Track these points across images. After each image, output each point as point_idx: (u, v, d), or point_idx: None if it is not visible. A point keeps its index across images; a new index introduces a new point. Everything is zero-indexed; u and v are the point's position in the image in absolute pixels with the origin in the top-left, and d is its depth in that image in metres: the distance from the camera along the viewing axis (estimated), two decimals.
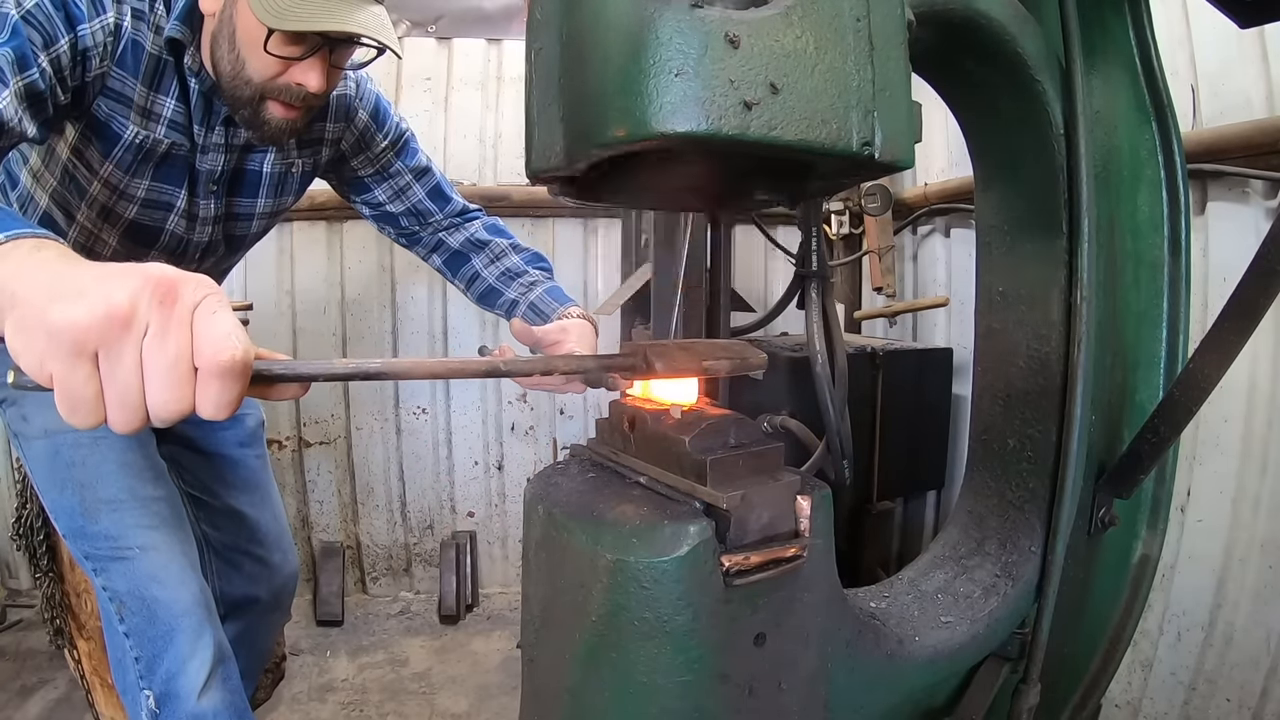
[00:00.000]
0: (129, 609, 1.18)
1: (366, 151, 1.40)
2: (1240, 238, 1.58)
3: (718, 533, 0.69)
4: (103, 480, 1.21)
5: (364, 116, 1.37)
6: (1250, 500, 1.60)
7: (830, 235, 2.75)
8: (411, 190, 1.44)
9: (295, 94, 1.09)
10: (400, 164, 1.43)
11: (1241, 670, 1.60)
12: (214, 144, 1.19)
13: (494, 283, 1.44)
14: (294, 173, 1.33)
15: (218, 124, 1.18)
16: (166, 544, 1.22)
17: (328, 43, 1.07)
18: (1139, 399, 1.05)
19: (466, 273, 1.46)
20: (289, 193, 1.36)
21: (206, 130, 1.18)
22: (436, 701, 2.15)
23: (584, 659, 0.72)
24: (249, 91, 1.09)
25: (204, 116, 1.17)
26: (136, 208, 1.19)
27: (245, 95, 1.09)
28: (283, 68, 1.07)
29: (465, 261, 1.46)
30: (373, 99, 1.38)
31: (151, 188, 1.18)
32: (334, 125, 1.34)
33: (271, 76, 1.07)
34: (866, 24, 0.63)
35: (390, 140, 1.41)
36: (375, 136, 1.39)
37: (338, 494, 2.81)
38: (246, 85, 1.08)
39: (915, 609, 1.01)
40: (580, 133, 0.62)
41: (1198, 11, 1.63)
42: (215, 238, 1.30)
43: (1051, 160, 0.97)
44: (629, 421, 0.82)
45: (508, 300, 1.41)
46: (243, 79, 1.08)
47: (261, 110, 1.11)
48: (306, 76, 1.08)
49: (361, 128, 1.37)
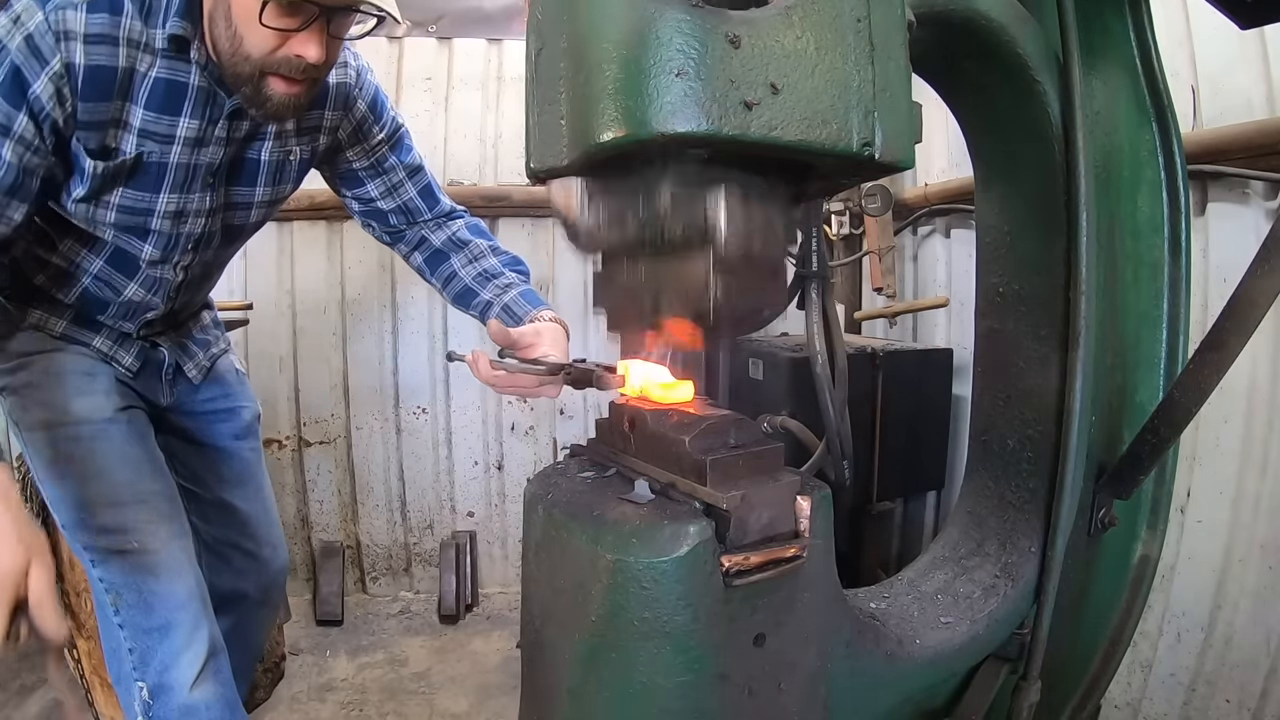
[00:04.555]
0: (125, 601, 1.19)
1: (363, 143, 1.39)
2: (1240, 238, 1.58)
3: (718, 533, 0.69)
4: (101, 473, 1.22)
5: (363, 106, 1.36)
6: (1250, 501, 1.60)
7: (830, 235, 2.75)
8: (404, 188, 1.44)
9: (295, 66, 1.07)
10: (394, 159, 1.42)
11: (1241, 671, 1.60)
12: (216, 138, 1.18)
13: (470, 283, 1.43)
14: (292, 160, 1.32)
15: (221, 118, 1.17)
16: (165, 538, 1.22)
17: (325, 12, 1.05)
18: (1139, 399, 1.05)
19: (444, 271, 1.46)
20: (287, 180, 1.35)
21: (207, 124, 1.17)
22: (436, 701, 2.14)
23: (584, 659, 0.72)
24: (248, 68, 1.07)
25: (205, 110, 1.15)
26: (114, 213, 1.18)
27: (245, 72, 1.08)
28: (280, 40, 1.05)
29: (444, 260, 1.46)
30: (372, 90, 1.38)
31: (125, 194, 1.17)
32: (332, 113, 1.33)
33: (270, 50, 1.06)
34: (867, 24, 0.63)
35: (387, 134, 1.40)
36: (372, 128, 1.38)
37: (337, 494, 2.81)
38: (246, 61, 1.07)
39: (915, 609, 1.01)
40: (581, 133, 0.62)
41: (1198, 12, 1.62)
42: (212, 228, 1.29)
43: (1051, 160, 0.97)
44: (629, 421, 0.82)
45: (483, 301, 1.40)
46: (241, 55, 1.07)
47: (263, 87, 1.09)
48: (305, 48, 1.06)
49: (359, 118, 1.36)
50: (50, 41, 1.01)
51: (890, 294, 2.59)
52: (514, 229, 2.78)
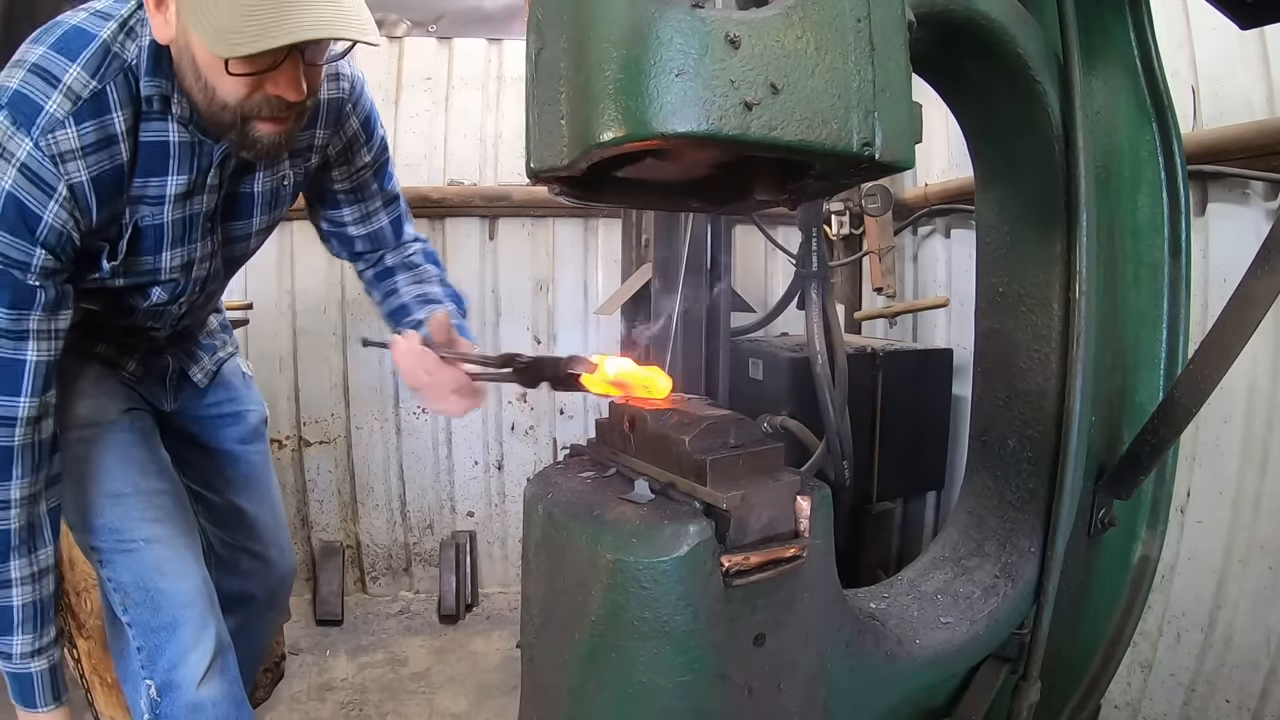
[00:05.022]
0: (133, 600, 1.18)
1: (349, 164, 1.34)
2: (1240, 239, 1.58)
3: (718, 533, 0.69)
4: (106, 473, 1.21)
5: (355, 124, 1.31)
6: (1250, 501, 1.60)
7: (830, 235, 2.75)
8: (377, 217, 1.40)
9: (277, 106, 1.01)
10: (376, 185, 1.37)
11: (1241, 672, 1.60)
12: (209, 186, 1.14)
13: (409, 301, 1.36)
14: (286, 184, 1.28)
15: (211, 165, 1.12)
16: (170, 536, 1.22)
17: (295, 47, 0.97)
18: (1139, 399, 1.05)
19: (387, 287, 1.40)
20: (282, 204, 1.31)
21: (198, 175, 1.12)
22: (436, 701, 2.14)
23: (584, 659, 0.72)
24: (228, 116, 1.01)
25: (192, 163, 1.10)
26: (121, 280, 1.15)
27: (227, 120, 1.02)
28: (255, 85, 0.99)
29: (390, 277, 1.40)
30: (367, 107, 1.32)
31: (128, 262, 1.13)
32: (323, 131, 1.27)
33: (246, 95, 0.99)
34: (867, 25, 0.63)
35: (374, 157, 1.35)
36: (361, 150, 1.33)
37: (337, 493, 2.81)
38: (224, 110, 1.01)
39: (915, 609, 1.01)
40: (581, 133, 0.62)
41: (1198, 12, 1.62)
42: (215, 269, 1.27)
43: (1051, 161, 0.97)
44: (629, 421, 0.82)
45: (415, 320, 1.33)
46: (218, 104, 1.00)
47: (248, 131, 1.03)
48: (283, 88, 1.00)
49: (350, 136, 1.31)
50: (50, 168, 0.96)
51: (890, 294, 2.58)
52: (514, 229, 2.78)
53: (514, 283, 2.81)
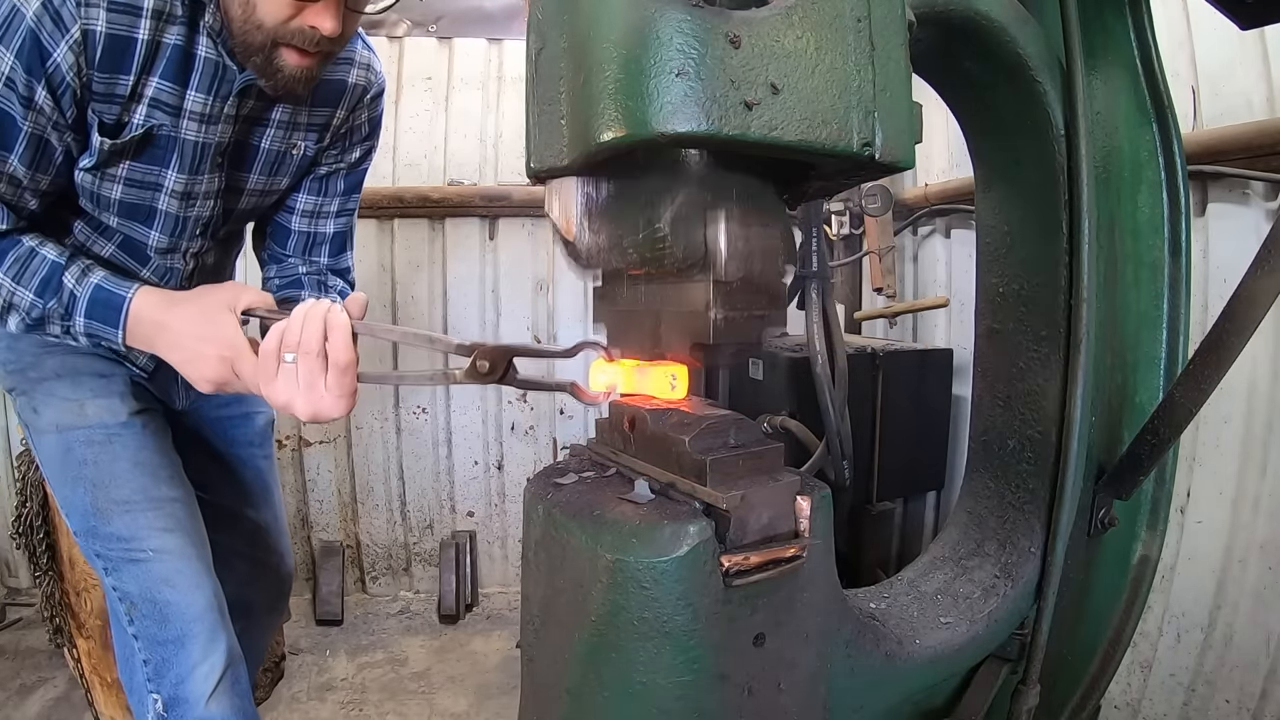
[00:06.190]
0: (140, 611, 1.15)
1: (335, 152, 1.33)
2: (1240, 239, 1.58)
3: (717, 533, 0.69)
4: (116, 480, 1.18)
5: (364, 117, 1.32)
6: (1250, 501, 1.60)
7: (830, 236, 2.75)
8: (325, 222, 1.36)
9: (309, 38, 1.02)
10: (342, 186, 1.35)
11: (1241, 672, 1.60)
12: (225, 115, 1.14)
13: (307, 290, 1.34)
14: (294, 154, 1.27)
15: (230, 94, 1.12)
16: (181, 547, 1.18)
17: None
18: (1139, 400, 1.05)
19: (289, 294, 1.35)
20: (284, 174, 1.29)
21: (215, 99, 1.12)
22: (436, 701, 2.15)
23: (584, 659, 0.72)
24: (260, 37, 1.02)
25: (212, 84, 1.10)
26: (121, 188, 1.14)
27: (257, 41, 1.03)
28: (295, 10, 1.00)
29: (299, 289, 1.36)
30: (379, 111, 1.33)
31: (133, 167, 1.12)
32: (342, 112, 1.27)
33: (284, 19, 1.01)
34: (867, 24, 0.63)
35: (358, 158, 1.35)
36: (354, 146, 1.33)
37: (337, 493, 2.81)
38: (258, 30, 1.02)
39: (915, 610, 1.01)
40: (581, 133, 0.62)
41: (1198, 12, 1.63)
42: (217, 211, 1.24)
43: (1052, 161, 0.97)
44: (629, 421, 0.82)
45: None
46: (254, 23, 1.01)
47: (275, 57, 1.04)
48: (320, 19, 1.01)
49: (354, 125, 1.31)
50: (71, 7, 0.95)
51: (890, 294, 2.59)
52: (514, 229, 2.78)
53: (514, 283, 2.82)
